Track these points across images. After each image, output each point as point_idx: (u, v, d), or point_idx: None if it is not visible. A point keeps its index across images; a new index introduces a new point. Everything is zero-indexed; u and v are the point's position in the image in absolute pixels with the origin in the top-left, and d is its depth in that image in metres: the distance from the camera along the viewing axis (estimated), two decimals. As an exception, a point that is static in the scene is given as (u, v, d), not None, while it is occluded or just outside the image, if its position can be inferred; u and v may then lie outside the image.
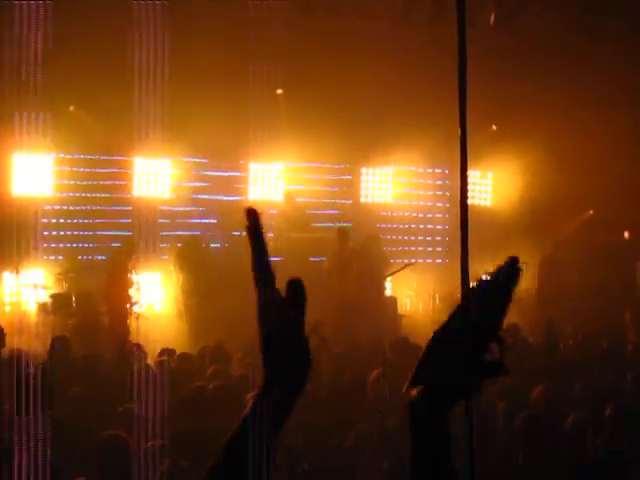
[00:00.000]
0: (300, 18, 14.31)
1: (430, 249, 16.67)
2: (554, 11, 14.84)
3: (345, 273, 13.47)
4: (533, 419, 4.96)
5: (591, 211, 16.73)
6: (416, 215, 16.82)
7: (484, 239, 12.47)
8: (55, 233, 13.57)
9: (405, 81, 14.51)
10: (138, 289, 13.54)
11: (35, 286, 13.41)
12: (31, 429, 4.49)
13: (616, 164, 15.30)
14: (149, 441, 4.97)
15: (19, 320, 12.85)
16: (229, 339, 9.49)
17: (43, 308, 13.18)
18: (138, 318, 13.28)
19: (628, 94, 14.81)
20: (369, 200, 16.83)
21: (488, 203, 17.19)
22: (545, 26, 15.02)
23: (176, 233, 14.74)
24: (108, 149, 13.98)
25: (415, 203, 16.86)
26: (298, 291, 1.46)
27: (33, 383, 5.79)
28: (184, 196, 15.02)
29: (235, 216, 14.72)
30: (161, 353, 8.97)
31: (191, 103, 13.64)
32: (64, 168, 14.29)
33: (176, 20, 12.85)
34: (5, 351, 9.18)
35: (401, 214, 16.69)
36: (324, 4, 14.71)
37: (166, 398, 5.77)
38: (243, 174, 15.91)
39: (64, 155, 14.11)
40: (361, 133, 15.32)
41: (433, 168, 16.51)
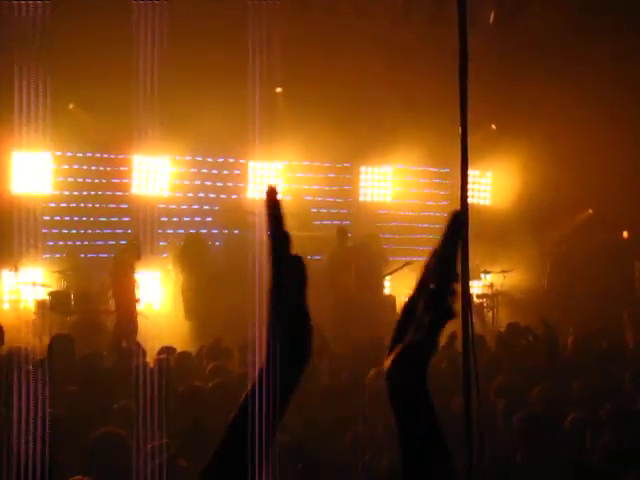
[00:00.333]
0: (299, 17, 14.30)
1: (429, 248, 16.63)
2: (554, 11, 14.83)
3: (344, 272, 13.47)
4: (531, 418, 4.97)
5: (590, 210, 16.73)
6: (415, 214, 16.82)
7: (483, 238, 12.48)
8: (54, 231, 13.57)
9: (404, 80, 14.51)
10: (138, 287, 13.56)
11: (34, 284, 13.41)
12: (30, 427, 4.49)
13: (615, 164, 15.31)
14: (148, 440, 4.97)
15: (18, 318, 12.85)
16: (229, 337, 9.49)
17: (42, 306, 13.18)
18: (137, 316, 13.29)
19: (627, 94, 14.81)
20: (368, 199, 16.83)
21: (487, 202, 17.20)
22: (544, 26, 15.02)
23: (175, 231, 14.74)
24: (107, 147, 13.98)
25: (414, 202, 16.86)
26: (299, 267, 1.47)
27: (32, 381, 5.79)
28: (183, 194, 15.01)
29: (234, 215, 14.75)
30: (161, 351, 8.95)
31: (190, 101, 13.64)
32: (63, 166, 14.28)
33: (175, 19, 12.84)
34: (4, 349, 9.18)
35: (400, 213, 16.69)
36: (323, 3, 14.71)
37: (164, 396, 5.77)
38: (242, 173, 15.90)
39: (63, 153, 14.09)
40: (360, 132, 15.31)
41: (432, 167, 16.51)
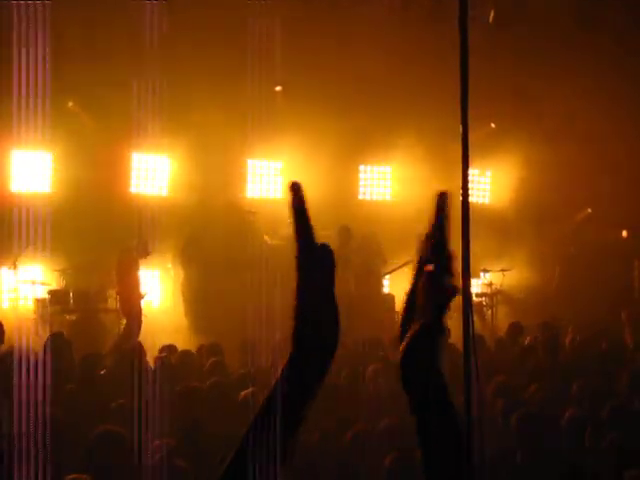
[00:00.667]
0: (299, 15, 14.29)
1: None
2: (552, 12, 14.85)
3: (344, 271, 13.48)
4: (530, 418, 4.97)
5: (589, 209, 16.71)
6: (415, 213, 16.77)
7: (482, 237, 12.48)
8: (53, 229, 13.54)
9: (404, 78, 14.50)
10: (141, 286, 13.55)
11: (33, 282, 13.40)
12: (30, 426, 4.49)
13: (615, 162, 15.31)
14: (146, 438, 4.97)
15: (17, 316, 12.84)
16: (229, 336, 9.49)
17: (41, 304, 13.17)
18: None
19: (627, 94, 14.81)
20: (367, 197, 16.80)
21: (487, 201, 17.17)
22: (544, 26, 15.02)
23: (174, 230, 14.70)
24: (106, 145, 13.95)
25: (414, 201, 16.80)
26: (326, 255, 1.41)
27: (32, 379, 5.79)
28: (182, 193, 14.97)
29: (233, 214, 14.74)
30: (161, 350, 8.94)
31: (189, 100, 13.64)
32: (62, 165, 14.24)
33: (174, 17, 12.85)
34: (3, 347, 9.18)
35: (400, 212, 16.63)
36: (323, 1, 14.70)
37: (164, 395, 5.77)
38: (241, 171, 15.87)
39: (62, 151, 14.06)
40: (360, 130, 15.29)
41: (432, 165, 16.47)
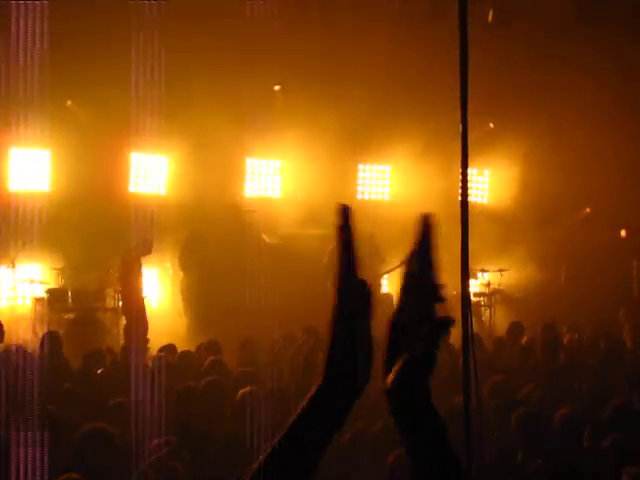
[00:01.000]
0: (298, 15, 14.29)
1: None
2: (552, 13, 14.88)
3: (331, 271, 13.45)
4: (531, 418, 4.97)
5: (588, 209, 16.72)
6: (413, 212, 16.73)
7: (481, 237, 12.47)
8: (51, 228, 13.51)
9: (403, 78, 14.50)
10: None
11: (31, 281, 13.40)
12: (28, 424, 4.49)
13: (613, 162, 15.32)
14: (142, 437, 4.97)
15: (15, 315, 12.84)
16: (228, 335, 9.48)
17: (39, 303, 13.17)
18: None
19: (626, 95, 14.84)
20: (365, 197, 16.79)
21: (485, 201, 17.17)
22: (544, 24, 15.04)
23: (172, 229, 14.69)
24: (105, 144, 13.94)
25: (412, 200, 16.79)
26: (364, 292, 1.45)
27: (29, 378, 5.79)
28: (180, 192, 14.95)
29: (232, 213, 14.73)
30: (160, 349, 8.94)
31: (188, 99, 13.63)
32: (61, 163, 14.23)
33: (173, 16, 12.84)
34: (1, 346, 9.18)
35: (398, 211, 16.62)
36: (322, 2, 14.69)
37: (161, 395, 5.77)
38: (240, 170, 15.87)
39: (61, 150, 14.05)
40: (358, 130, 15.28)
41: (430, 165, 16.46)
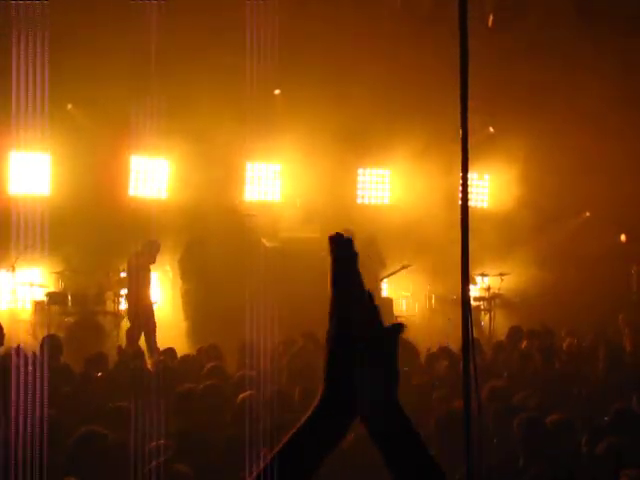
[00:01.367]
0: (297, 18, 14.30)
1: (427, 251, 16.58)
2: (553, 16, 14.88)
3: None
4: (534, 423, 4.97)
5: (588, 213, 16.72)
6: (413, 216, 16.74)
7: (481, 241, 12.48)
8: (51, 232, 13.52)
9: (403, 82, 14.52)
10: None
11: (31, 284, 13.40)
12: (27, 427, 4.50)
13: (614, 166, 15.32)
14: (142, 440, 4.97)
15: (15, 318, 12.84)
16: (228, 339, 9.49)
17: (39, 307, 13.16)
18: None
19: (627, 96, 14.84)
20: (365, 201, 16.80)
21: (485, 205, 17.19)
22: (543, 28, 15.05)
23: (172, 233, 14.69)
24: (105, 148, 13.96)
25: (412, 204, 16.80)
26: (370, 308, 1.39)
27: (28, 381, 5.78)
28: (181, 195, 14.96)
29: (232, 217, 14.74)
30: (160, 353, 8.95)
31: (188, 103, 13.64)
32: (61, 167, 14.24)
33: (173, 20, 12.86)
34: (2, 349, 9.17)
35: (398, 215, 16.63)
36: (322, 5, 14.71)
37: (162, 398, 5.77)
38: (240, 174, 15.88)
39: (61, 154, 14.06)
40: (358, 134, 15.30)
41: (430, 169, 16.48)
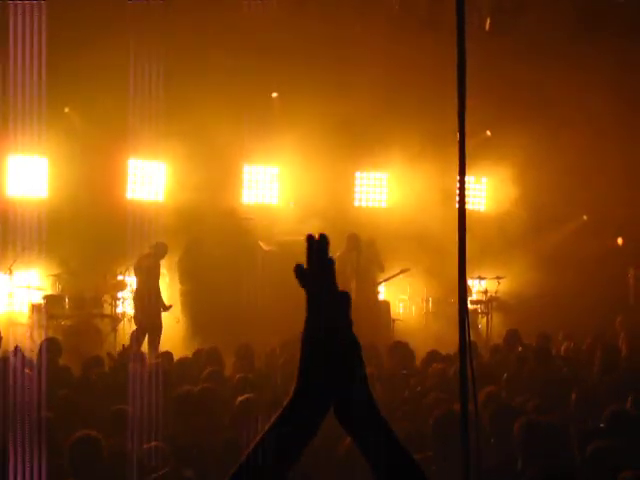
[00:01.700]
0: (296, 22, 14.32)
1: (424, 254, 16.57)
2: (551, 19, 14.92)
3: (351, 277, 13.65)
4: (531, 426, 4.97)
5: (585, 216, 16.73)
6: (410, 220, 16.74)
7: (478, 244, 12.49)
8: (49, 235, 13.51)
9: (401, 85, 14.54)
10: (132, 291, 13.54)
11: (28, 287, 13.38)
12: (25, 430, 4.50)
13: (610, 170, 15.34)
14: (142, 443, 4.97)
15: (12, 321, 12.82)
16: (225, 341, 9.49)
17: (36, 309, 13.14)
18: (131, 320, 13.26)
19: (624, 100, 14.88)
20: (363, 204, 16.80)
21: (482, 208, 17.18)
22: (540, 31, 15.08)
23: (169, 236, 14.67)
24: (103, 151, 13.95)
25: (409, 208, 16.79)
26: (341, 300, 1.43)
27: (26, 384, 5.78)
28: (178, 198, 14.94)
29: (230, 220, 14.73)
30: (157, 356, 8.97)
31: (186, 106, 13.64)
32: (58, 170, 14.22)
33: (171, 24, 12.88)
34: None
35: (395, 219, 16.62)
36: (320, 8, 14.73)
37: (159, 401, 5.77)
38: (238, 177, 15.88)
39: (58, 157, 14.04)
40: (356, 137, 15.30)
41: (428, 173, 16.49)
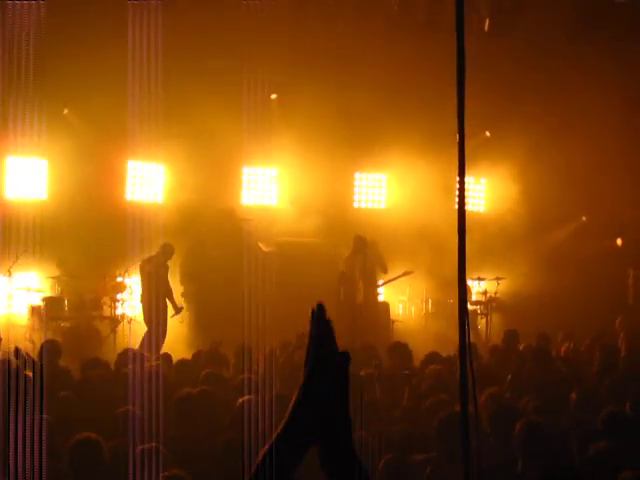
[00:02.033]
0: (295, 24, 14.33)
1: (423, 256, 16.57)
2: (550, 19, 14.92)
3: (346, 278, 13.68)
4: (531, 427, 4.97)
5: (584, 217, 16.73)
6: (410, 221, 16.74)
7: (478, 245, 12.50)
8: (48, 236, 13.50)
9: (400, 86, 14.54)
10: (131, 293, 13.54)
11: (28, 289, 13.37)
12: (26, 432, 4.49)
13: (609, 171, 15.35)
14: (141, 445, 4.97)
15: (11, 323, 12.81)
16: (224, 342, 9.48)
17: (36, 311, 13.13)
18: (131, 322, 13.26)
19: (623, 101, 14.89)
20: (362, 205, 16.80)
21: (482, 209, 17.19)
22: (541, 32, 15.09)
23: (168, 237, 14.66)
24: (102, 153, 13.94)
25: (408, 209, 16.78)
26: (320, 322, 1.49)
27: (26, 387, 5.77)
28: (177, 200, 14.93)
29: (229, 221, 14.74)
30: (157, 358, 8.95)
31: (185, 108, 13.64)
32: (57, 172, 14.22)
33: (170, 26, 12.86)
34: (-1, 355, 9.15)
35: (394, 220, 16.62)
36: (320, 8, 14.74)
37: (160, 403, 5.77)
38: (237, 178, 15.88)
39: (57, 158, 14.04)
40: (355, 138, 15.30)
41: (427, 173, 16.48)
